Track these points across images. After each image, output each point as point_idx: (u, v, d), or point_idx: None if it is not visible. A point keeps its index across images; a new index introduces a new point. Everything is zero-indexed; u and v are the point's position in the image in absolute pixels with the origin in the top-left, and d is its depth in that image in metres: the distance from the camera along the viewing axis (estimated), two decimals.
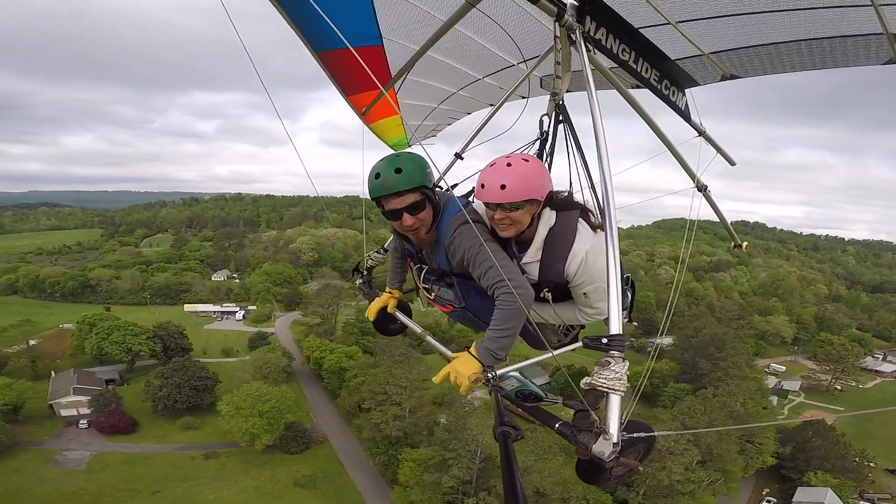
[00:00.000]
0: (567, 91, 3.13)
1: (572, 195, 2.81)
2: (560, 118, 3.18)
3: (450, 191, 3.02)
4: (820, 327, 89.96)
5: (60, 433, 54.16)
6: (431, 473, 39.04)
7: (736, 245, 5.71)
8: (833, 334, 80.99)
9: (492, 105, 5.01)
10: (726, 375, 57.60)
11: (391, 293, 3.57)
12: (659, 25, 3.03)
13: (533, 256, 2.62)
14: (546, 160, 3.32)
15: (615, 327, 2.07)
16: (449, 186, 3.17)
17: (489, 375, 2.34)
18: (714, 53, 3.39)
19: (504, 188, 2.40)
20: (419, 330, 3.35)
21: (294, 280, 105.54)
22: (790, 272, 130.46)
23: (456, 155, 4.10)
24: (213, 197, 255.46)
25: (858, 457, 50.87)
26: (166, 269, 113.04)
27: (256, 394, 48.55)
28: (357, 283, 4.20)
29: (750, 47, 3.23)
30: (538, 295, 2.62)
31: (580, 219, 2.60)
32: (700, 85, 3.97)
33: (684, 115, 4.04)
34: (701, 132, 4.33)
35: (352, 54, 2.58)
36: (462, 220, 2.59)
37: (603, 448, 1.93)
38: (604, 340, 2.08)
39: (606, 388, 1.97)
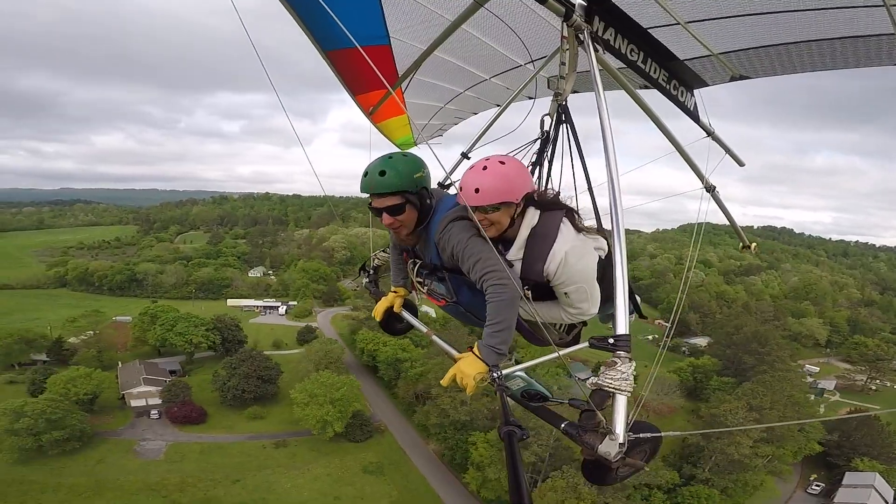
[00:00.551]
0: (574, 92, 3.13)
1: (558, 195, 2.84)
2: (562, 119, 3.23)
3: (446, 189, 3.13)
4: (853, 330, 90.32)
5: (134, 423, 55.26)
6: None
7: (744, 246, 5.73)
8: (866, 337, 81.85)
9: (498, 105, 5.07)
10: (771, 369, 59.04)
11: (396, 292, 3.55)
12: (668, 26, 3.02)
13: (515, 255, 2.64)
14: (546, 160, 3.41)
15: (622, 328, 2.08)
16: (444, 185, 3.25)
17: (494, 375, 2.34)
18: (723, 53, 3.37)
19: (478, 192, 2.47)
20: (425, 329, 3.35)
21: (329, 277, 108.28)
22: (822, 276, 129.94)
23: (462, 154, 4.09)
24: (242, 196, 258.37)
25: None
26: (206, 265, 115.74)
27: (328, 382, 50.37)
28: (363, 283, 4.11)
29: (760, 48, 3.21)
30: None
31: (564, 219, 2.62)
32: (709, 85, 3.92)
33: (693, 116, 4.01)
34: (710, 133, 4.29)
35: (359, 54, 2.62)
36: (452, 217, 2.69)
37: (609, 448, 1.95)
38: (610, 341, 2.09)
39: (613, 389, 1.99)
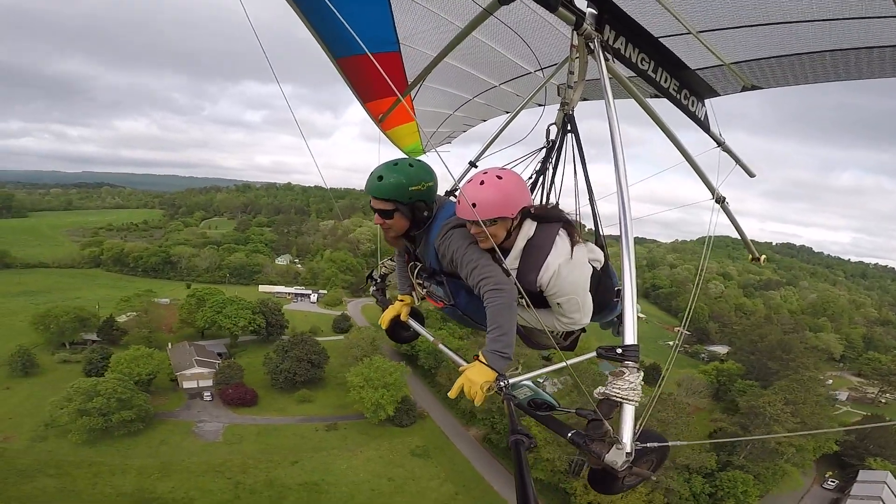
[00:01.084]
0: (583, 100, 3.13)
1: (556, 207, 2.89)
2: (568, 128, 3.22)
3: (448, 196, 3.20)
4: (867, 347, 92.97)
5: (189, 405, 56.18)
6: None
7: (754, 259, 5.70)
8: (880, 354, 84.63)
9: (508, 112, 5.04)
10: (796, 374, 61.98)
11: (403, 300, 3.54)
12: (679, 35, 3.00)
13: (510, 265, 2.68)
14: (550, 169, 3.40)
15: (630, 338, 2.10)
16: (452, 193, 3.26)
17: (501, 384, 2.33)
18: (735, 63, 3.35)
19: (475, 206, 2.51)
20: (431, 338, 3.35)
21: (355, 268, 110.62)
22: (840, 295, 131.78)
23: (470, 163, 4.02)
24: (264, 185, 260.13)
25: None
26: (237, 251, 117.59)
27: (382, 367, 52.58)
28: (370, 291, 4.09)
29: (772, 58, 3.18)
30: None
31: (561, 231, 2.66)
32: (720, 95, 3.89)
33: (703, 126, 3.98)
34: (720, 143, 4.25)
35: (369, 60, 2.55)
36: (452, 225, 2.77)
37: (616, 458, 1.96)
38: (618, 351, 2.11)
39: (620, 399, 2.00)
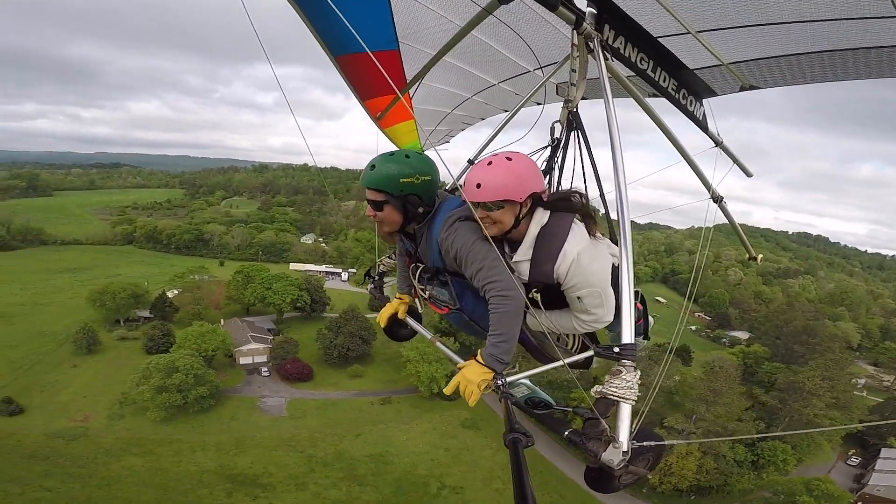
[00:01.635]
0: (583, 98, 3.19)
1: (570, 198, 2.66)
2: (573, 125, 3.21)
3: (450, 191, 3.16)
4: (884, 337, 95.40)
5: (248, 380, 57.95)
6: None
7: (751, 258, 5.65)
8: None
9: (506, 111, 4.98)
10: (822, 357, 64.92)
11: (401, 298, 3.47)
12: (678, 35, 3.01)
13: (524, 255, 2.52)
14: (557, 167, 3.38)
15: (627, 337, 2.12)
16: (451, 191, 3.21)
17: (499, 382, 2.30)
18: (733, 63, 3.37)
19: (480, 187, 2.36)
20: (429, 336, 3.37)
21: (381, 250, 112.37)
22: (858, 285, 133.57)
23: (469, 162, 3.90)
24: (280, 166, 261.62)
25: None
26: (265, 229, 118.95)
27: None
28: (368, 289, 4.09)
29: (771, 58, 3.20)
30: (527, 295, 2.48)
31: (576, 220, 2.52)
32: (718, 95, 3.91)
33: (701, 125, 4.00)
34: (718, 142, 4.27)
35: (368, 58, 2.58)
36: (458, 216, 2.55)
37: (612, 456, 1.99)
38: (615, 350, 2.13)
39: (617, 398, 2.02)
